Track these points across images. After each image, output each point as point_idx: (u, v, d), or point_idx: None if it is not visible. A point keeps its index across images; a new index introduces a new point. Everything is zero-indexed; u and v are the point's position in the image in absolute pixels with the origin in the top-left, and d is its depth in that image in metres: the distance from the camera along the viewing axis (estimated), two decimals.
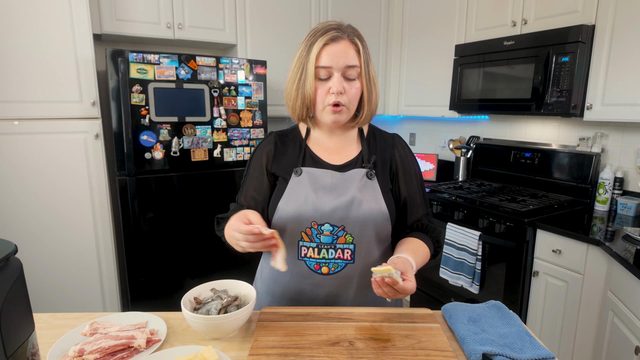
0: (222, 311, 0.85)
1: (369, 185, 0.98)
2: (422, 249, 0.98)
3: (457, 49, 2.50)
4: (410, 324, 0.88)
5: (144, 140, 1.98)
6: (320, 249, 0.96)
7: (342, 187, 0.97)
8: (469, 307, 0.94)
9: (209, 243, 2.27)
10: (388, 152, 1.04)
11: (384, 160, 1.03)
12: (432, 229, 1.04)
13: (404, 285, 0.80)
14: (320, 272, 0.97)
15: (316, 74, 0.93)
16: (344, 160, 1.02)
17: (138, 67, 1.91)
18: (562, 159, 2.30)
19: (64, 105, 1.96)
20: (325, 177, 0.98)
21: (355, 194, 0.95)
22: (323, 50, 0.91)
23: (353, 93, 0.94)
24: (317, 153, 1.02)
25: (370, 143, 1.05)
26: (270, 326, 0.86)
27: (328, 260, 0.96)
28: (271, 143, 1.05)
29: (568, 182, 2.27)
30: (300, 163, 1.00)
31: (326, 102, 0.93)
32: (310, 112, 0.98)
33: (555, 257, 1.83)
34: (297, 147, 1.03)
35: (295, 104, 0.97)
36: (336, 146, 1.03)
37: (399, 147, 1.05)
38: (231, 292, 0.92)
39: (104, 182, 2.11)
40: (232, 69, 2.14)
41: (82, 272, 2.13)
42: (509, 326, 0.87)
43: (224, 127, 2.17)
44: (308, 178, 0.98)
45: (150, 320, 0.90)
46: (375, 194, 0.97)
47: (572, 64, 1.92)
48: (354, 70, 0.93)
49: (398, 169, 1.04)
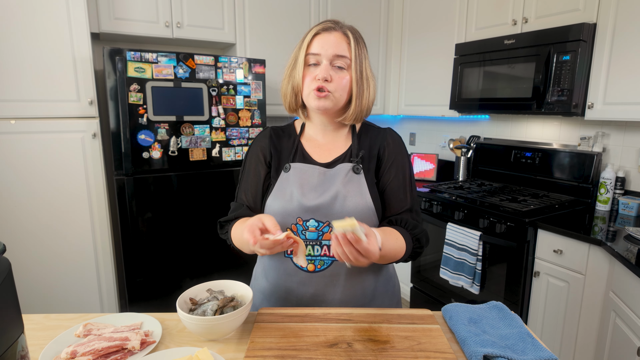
0: (218, 312, 0.83)
1: (354, 180, 0.95)
2: (395, 236, 0.90)
3: (457, 48, 2.49)
4: (409, 325, 0.86)
5: (142, 139, 1.96)
6: (305, 245, 0.94)
7: (327, 183, 0.95)
8: (469, 307, 0.93)
9: (207, 243, 2.26)
10: (376, 145, 1.01)
11: (372, 155, 1.00)
12: (412, 226, 0.95)
13: (367, 246, 0.73)
14: (307, 269, 0.95)
15: (306, 61, 0.95)
16: (333, 157, 1.01)
17: (136, 66, 1.89)
18: (563, 159, 2.28)
19: (62, 105, 1.95)
20: (312, 174, 0.97)
21: (340, 189, 0.94)
22: (315, 38, 0.94)
23: (340, 82, 0.93)
24: (308, 150, 1.02)
25: (361, 138, 1.03)
26: (267, 327, 0.85)
27: (314, 257, 0.95)
28: (266, 137, 1.05)
29: (569, 182, 2.26)
30: (291, 159, 1.00)
31: (311, 87, 0.94)
32: (299, 100, 0.99)
33: (557, 258, 1.81)
34: (290, 143, 1.03)
35: (287, 92, 1.00)
36: (327, 143, 1.03)
37: (389, 139, 1.03)
38: (227, 292, 0.91)
39: (102, 182, 2.09)
40: (230, 68, 2.12)
41: (80, 272, 2.11)
42: (511, 327, 0.85)
43: (223, 127, 2.16)
44: (295, 175, 0.97)
45: (146, 321, 0.89)
46: (361, 189, 0.95)
47: (573, 63, 1.90)
48: (343, 61, 0.93)
49: (384, 160, 1.00)
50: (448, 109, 2.65)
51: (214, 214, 2.25)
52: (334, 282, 0.96)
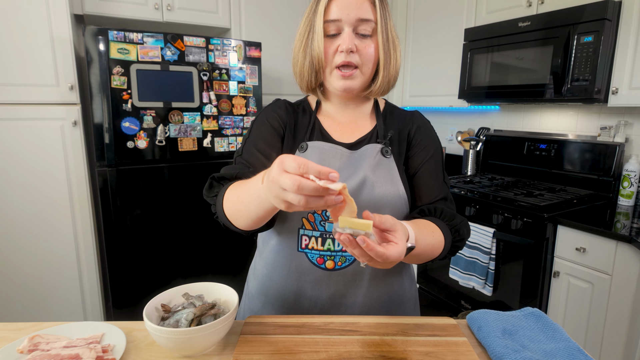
0: (195, 322, 0.68)
1: (384, 164, 0.81)
2: (431, 229, 0.73)
3: (466, 33, 2.33)
4: (430, 338, 0.71)
5: (126, 127, 1.80)
6: (324, 238, 0.79)
7: (352, 166, 0.80)
8: (501, 315, 0.77)
9: (199, 241, 2.10)
10: (406, 128, 0.87)
11: (402, 138, 0.86)
12: (450, 216, 0.80)
13: (384, 251, 0.55)
14: (324, 267, 0.80)
15: (325, 30, 0.77)
16: (356, 137, 0.85)
17: (119, 47, 1.73)
18: (582, 150, 2.12)
19: (39, 90, 1.79)
20: (334, 155, 0.82)
21: (368, 174, 0.78)
22: (332, 2, 0.76)
23: (368, 53, 0.77)
24: (327, 128, 0.86)
25: (386, 119, 0.88)
26: (256, 341, 0.69)
27: (334, 253, 0.79)
28: (281, 108, 0.87)
29: (588, 175, 2.10)
30: (307, 137, 0.83)
31: (334, 64, 0.77)
32: (320, 78, 0.81)
33: (579, 256, 1.66)
34: (306, 119, 0.87)
35: (303, 69, 0.81)
36: (348, 121, 0.87)
37: (419, 122, 0.89)
38: (208, 297, 0.75)
39: (84, 174, 1.93)
40: (223, 51, 1.96)
41: (60, 273, 1.95)
42: (555, 340, 0.70)
43: (215, 115, 2.00)
44: (313, 155, 0.81)
45: (109, 332, 0.73)
46: (392, 174, 0.80)
47: (596, 44, 1.75)
48: (368, 26, 0.76)
49: (414, 144, 0.86)
50: (456, 99, 2.50)
51: (206, 209, 2.08)
52: (356, 282, 0.80)
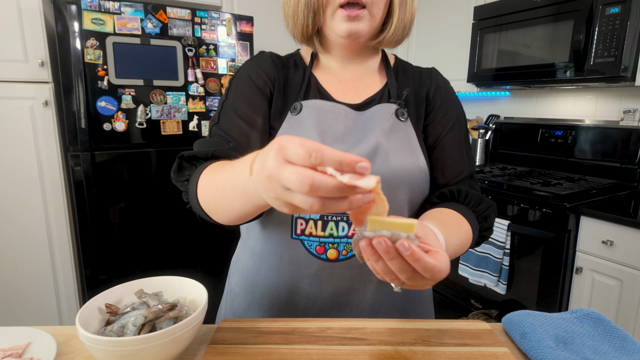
0: (147, 328, 0.50)
1: (399, 129, 0.64)
2: (458, 223, 0.60)
3: (476, 12, 2.17)
4: (460, 348, 0.53)
5: (102, 107, 1.62)
6: (325, 222, 0.62)
7: (361, 131, 0.63)
8: (548, 318, 0.60)
9: (185, 232, 1.92)
10: (424, 88, 0.70)
11: (419, 99, 0.69)
12: (477, 200, 0.65)
13: (436, 262, 0.40)
14: (325, 257, 0.63)
15: None
16: (364, 97, 0.68)
17: (93, 17, 1.55)
18: (602, 136, 1.95)
19: (4, 65, 1.61)
20: (336, 116, 0.65)
21: (381, 141, 0.62)
22: None
23: None
24: (326, 86, 0.68)
25: (398, 76, 0.71)
26: (228, 352, 0.51)
27: (337, 240, 0.62)
28: (267, 62, 0.68)
29: (610, 163, 1.93)
30: (301, 97, 0.66)
31: (337, 1, 0.60)
32: (318, 21, 0.63)
33: (606, 250, 1.49)
34: (299, 76, 0.69)
35: (297, 9, 0.63)
36: (352, 78, 0.70)
37: (439, 81, 0.71)
38: (169, 295, 0.58)
39: (57, 160, 1.75)
40: (211, 25, 1.78)
41: (32, 270, 1.77)
42: (627, 353, 0.52)
43: (202, 95, 1.82)
44: (310, 117, 0.64)
45: (36, 339, 0.56)
46: (410, 141, 0.64)
47: (623, 16, 1.58)
48: None
49: (433, 107, 0.69)
50: (465, 83, 2.33)
51: None
52: (364, 275, 0.64)
